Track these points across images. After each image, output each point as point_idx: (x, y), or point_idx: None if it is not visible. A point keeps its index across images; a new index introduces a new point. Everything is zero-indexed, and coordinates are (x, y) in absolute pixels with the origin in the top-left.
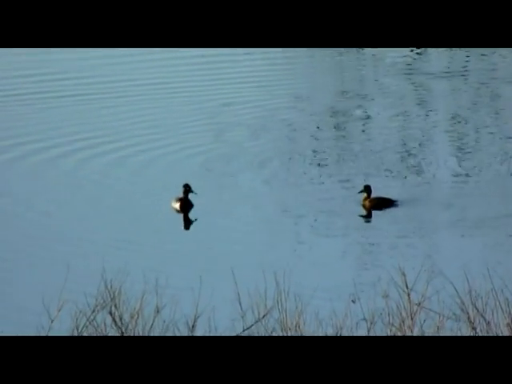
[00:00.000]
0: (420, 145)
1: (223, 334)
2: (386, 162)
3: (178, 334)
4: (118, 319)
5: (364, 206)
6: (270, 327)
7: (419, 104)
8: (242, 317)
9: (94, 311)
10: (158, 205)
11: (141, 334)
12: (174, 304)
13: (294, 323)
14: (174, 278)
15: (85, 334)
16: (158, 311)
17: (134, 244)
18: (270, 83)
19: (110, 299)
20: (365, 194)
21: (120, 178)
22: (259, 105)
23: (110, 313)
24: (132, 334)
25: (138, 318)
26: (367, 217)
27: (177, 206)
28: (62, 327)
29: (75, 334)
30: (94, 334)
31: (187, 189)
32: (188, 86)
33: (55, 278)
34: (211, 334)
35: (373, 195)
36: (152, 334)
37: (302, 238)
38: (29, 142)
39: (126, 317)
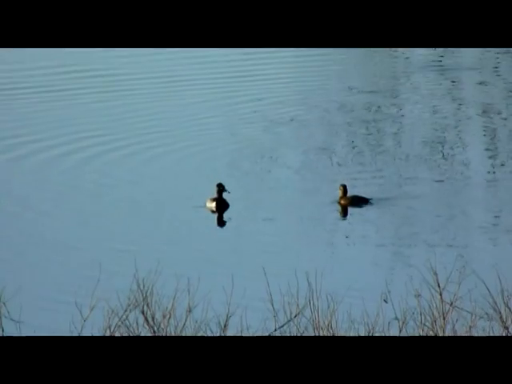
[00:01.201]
0: (452, 138)
1: (255, 334)
2: (419, 156)
3: (209, 334)
4: (150, 319)
5: (340, 203)
6: (302, 327)
7: (451, 99)
8: (274, 316)
9: (126, 310)
10: (190, 204)
11: (173, 334)
12: (206, 303)
13: (326, 323)
14: (206, 278)
15: (117, 334)
16: (190, 311)
17: (166, 243)
18: (301, 80)
19: (142, 298)
20: (340, 193)
21: (149, 176)
22: (291, 100)
23: (143, 312)
24: (164, 334)
25: (170, 317)
26: (343, 215)
27: (212, 205)
28: (95, 326)
29: (107, 334)
30: (126, 334)
31: (221, 188)
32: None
33: (88, 277)
34: (243, 334)
35: (359, 194)
36: (184, 334)
37: (334, 238)
38: (44, 140)
39: (158, 316)
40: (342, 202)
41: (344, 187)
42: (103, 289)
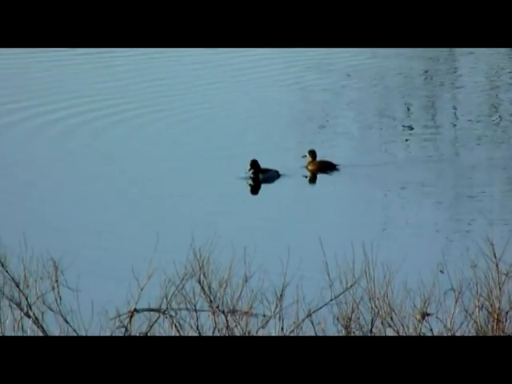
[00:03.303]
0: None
1: (312, 303)
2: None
3: (266, 304)
4: (206, 288)
5: (308, 169)
6: (357, 297)
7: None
8: (330, 286)
9: (182, 280)
10: (241, 174)
11: (229, 304)
12: (263, 273)
13: (382, 293)
14: (262, 247)
15: (173, 304)
16: (246, 280)
17: (222, 213)
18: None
19: (198, 268)
20: (309, 158)
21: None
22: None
23: (199, 281)
24: (220, 306)
25: (226, 286)
26: (312, 180)
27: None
28: (152, 295)
29: (164, 303)
30: (183, 304)
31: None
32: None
33: (145, 246)
34: (299, 304)
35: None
36: (240, 304)
37: (391, 208)
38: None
39: (215, 286)
40: (310, 167)
41: (312, 153)
42: (160, 258)
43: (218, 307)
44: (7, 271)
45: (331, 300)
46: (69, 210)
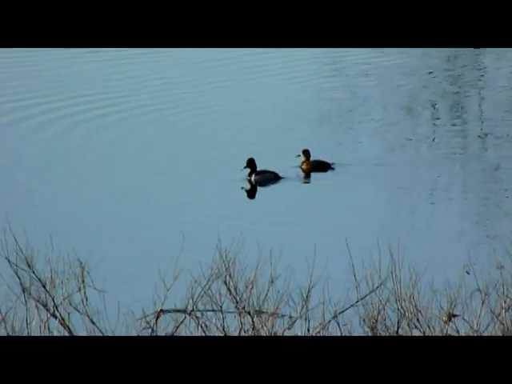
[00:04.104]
0: None
1: (338, 304)
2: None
3: (292, 305)
4: (232, 289)
5: (302, 168)
6: (383, 298)
7: None
8: (356, 287)
9: (208, 281)
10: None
11: (255, 305)
12: (289, 274)
13: (408, 294)
14: (288, 248)
15: (199, 305)
16: (272, 281)
17: (248, 214)
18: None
19: (224, 269)
20: (303, 158)
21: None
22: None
23: (225, 282)
24: (246, 308)
25: (252, 287)
26: (306, 179)
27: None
28: (178, 296)
29: (190, 304)
30: (209, 305)
31: (250, 164)
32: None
33: (171, 247)
34: (325, 305)
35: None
36: (266, 305)
37: (417, 209)
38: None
39: (241, 286)
40: (304, 166)
41: (306, 152)
42: (186, 259)
43: (243, 308)
44: (34, 272)
45: (357, 301)
46: (94, 210)
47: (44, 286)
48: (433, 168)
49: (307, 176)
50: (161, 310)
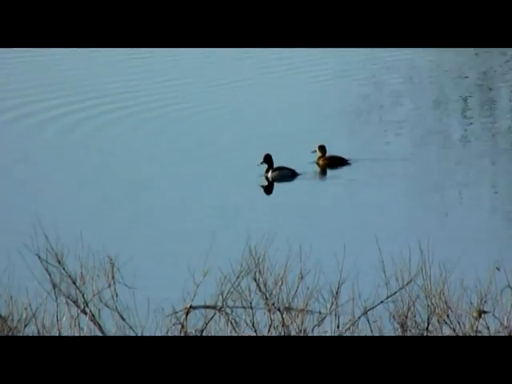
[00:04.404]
0: None
1: (368, 301)
2: None
3: (321, 301)
4: (262, 285)
5: (318, 164)
6: (413, 294)
7: None
8: (386, 284)
9: (238, 277)
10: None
11: (285, 301)
12: (318, 270)
13: (439, 290)
14: (318, 245)
15: (229, 301)
16: (301, 277)
17: (278, 210)
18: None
19: (254, 265)
20: (319, 153)
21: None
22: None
23: (255, 279)
24: (275, 304)
25: (282, 284)
26: (322, 174)
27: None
28: (207, 293)
29: (220, 301)
30: (239, 302)
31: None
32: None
33: (201, 244)
34: (355, 302)
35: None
36: (296, 301)
37: (447, 206)
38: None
39: (270, 283)
40: (320, 162)
41: (322, 148)
42: (216, 255)
43: (273, 304)
44: (64, 268)
45: (387, 297)
46: (123, 208)
47: (74, 283)
48: (462, 164)
49: (323, 172)
50: (190, 307)
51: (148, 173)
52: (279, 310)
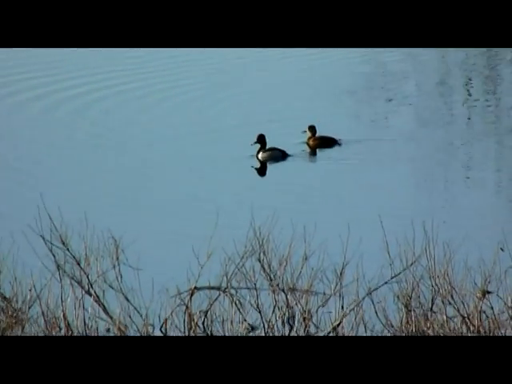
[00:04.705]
0: None
1: (372, 281)
2: None
3: (326, 282)
4: (266, 266)
5: (308, 144)
6: (418, 275)
7: None
8: (390, 264)
9: (242, 258)
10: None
11: (289, 282)
12: (322, 251)
13: (443, 271)
14: (322, 226)
15: (233, 282)
16: (306, 258)
17: (281, 191)
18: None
19: (258, 246)
20: (309, 134)
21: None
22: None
23: (259, 260)
24: (280, 285)
25: (286, 265)
26: (312, 155)
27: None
28: (212, 273)
29: (224, 281)
30: (243, 283)
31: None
32: None
33: (205, 226)
34: (359, 282)
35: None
36: (300, 282)
37: (451, 186)
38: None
39: (275, 264)
40: (311, 142)
41: (312, 128)
42: (220, 236)
43: (277, 285)
44: (68, 249)
45: (391, 278)
46: (129, 188)
47: (79, 264)
48: (466, 144)
49: (313, 152)
50: (195, 288)
51: (153, 155)
52: (283, 290)
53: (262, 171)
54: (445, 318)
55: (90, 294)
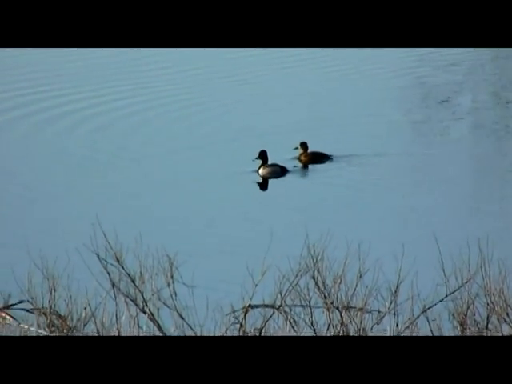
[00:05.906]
0: None
1: (427, 299)
2: None
3: (380, 300)
4: (320, 284)
5: (300, 160)
6: (473, 293)
7: None
8: (445, 282)
9: (296, 276)
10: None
11: (344, 300)
12: (377, 269)
13: (498, 289)
14: (377, 244)
15: (288, 300)
16: (360, 276)
17: (336, 210)
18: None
19: (312, 264)
20: (300, 150)
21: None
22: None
23: (313, 277)
24: (334, 303)
25: (340, 282)
26: (304, 169)
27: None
28: (266, 291)
29: (278, 299)
30: (297, 301)
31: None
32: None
33: (259, 244)
34: (414, 300)
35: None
36: (355, 300)
37: (505, 203)
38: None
39: (329, 282)
40: (303, 158)
41: (304, 144)
42: (274, 254)
43: (332, 303)
44: (123, 267)
45: (446, 296)
46: (183, 206)
47: (133, 282)
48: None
49: (305, 167)
50: (249, 306)
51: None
52: (338, 308)
53: (263, 186)
54: (500, 335)
55: (145, 312)
